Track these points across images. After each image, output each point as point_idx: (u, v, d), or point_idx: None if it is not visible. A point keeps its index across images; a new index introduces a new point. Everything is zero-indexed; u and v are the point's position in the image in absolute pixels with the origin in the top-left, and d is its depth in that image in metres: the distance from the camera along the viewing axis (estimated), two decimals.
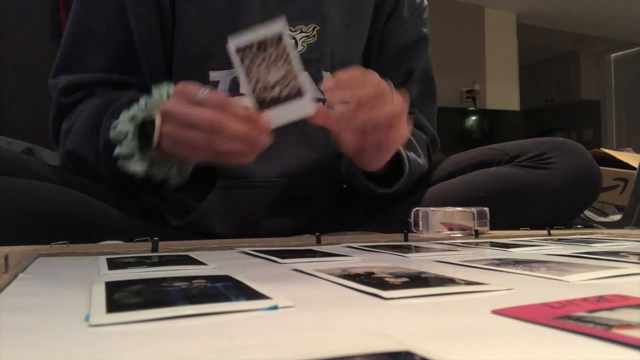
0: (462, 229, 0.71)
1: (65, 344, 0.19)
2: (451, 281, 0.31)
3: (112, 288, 0.28)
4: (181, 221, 0.79)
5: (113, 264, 0.39)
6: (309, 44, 0.80)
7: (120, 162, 0.66)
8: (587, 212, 1.41)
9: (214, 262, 0.42)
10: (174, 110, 0.59)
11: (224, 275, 0.33)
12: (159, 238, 0.52)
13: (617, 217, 1.53)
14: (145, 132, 0.66)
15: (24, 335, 0.20)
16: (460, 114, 5.51)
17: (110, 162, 0.67)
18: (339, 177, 0.87)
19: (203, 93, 0.58)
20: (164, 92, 0.66)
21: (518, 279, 0.34)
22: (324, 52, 0.81)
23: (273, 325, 0.23)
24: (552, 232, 0.71)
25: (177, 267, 0.39)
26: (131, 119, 0.65)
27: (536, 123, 7.37)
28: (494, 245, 0.56)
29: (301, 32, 0.80)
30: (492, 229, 0.73)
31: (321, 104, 0.60)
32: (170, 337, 0.20)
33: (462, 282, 0.31)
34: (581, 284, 0.32)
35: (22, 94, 1.87)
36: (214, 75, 0.76)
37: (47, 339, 0.20)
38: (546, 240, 0.62)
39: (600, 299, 0.25)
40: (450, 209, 0.72)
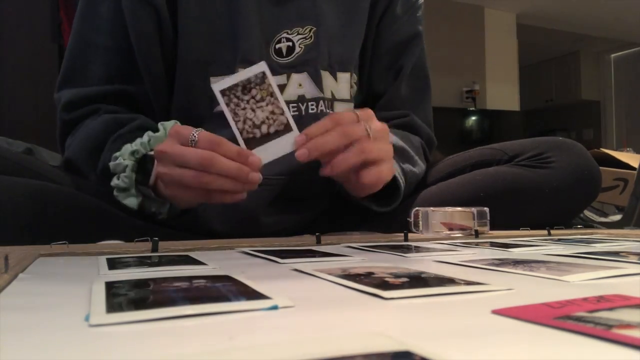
0: (462, 229, 0.71)
1: (65, 344, 0.19)
2: (451, 281, 0.31)
3: (112, 288, 0.28)
4: (180, 219, 0.80)
5: (113, 264, 0.39)
6: (307, 45, 0.81)
7: (116, 192, 0.69)
8: (587, 212, 1.41)
9: (214, 262, 0.42)
10: (168, 151, 0.61)
11: (224, 275, 0.33)
12: (159, 238, 0.52)
13: (617, 217, 1.53)
14: (144, 167, 0.68)
15: (24, 335, 0.20)
16: (460, 114, 5.52)
17: (106, 184, 0.70)
18: None
19: (195, 133, 0.59)
20: (168, 128, 0.67)
21: (518, 279, 0.34)
22: (321, 52, 0.82)
23: (273, 325, 0.22)
24: (552, 232, 0.71)
25: (177, 267, 0.39)
26: (132, 153, 0.67)
27: (536, 123, 7.37)
28: (494, 245, 0.56)
29: (298, 34, 0.81)
30: (492, 228, 0.73)
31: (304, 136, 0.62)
32: (170, 337, 0.20)
33: (462, 282, 0.31)
34: (581, 284, 0.32)
35: (22, 94, 1.87)
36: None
37: (47, 339, 0.20)
38: (546, 240, 0.62)
39: (600, 299, 0.25)
40: (450, 209, 0.72)
